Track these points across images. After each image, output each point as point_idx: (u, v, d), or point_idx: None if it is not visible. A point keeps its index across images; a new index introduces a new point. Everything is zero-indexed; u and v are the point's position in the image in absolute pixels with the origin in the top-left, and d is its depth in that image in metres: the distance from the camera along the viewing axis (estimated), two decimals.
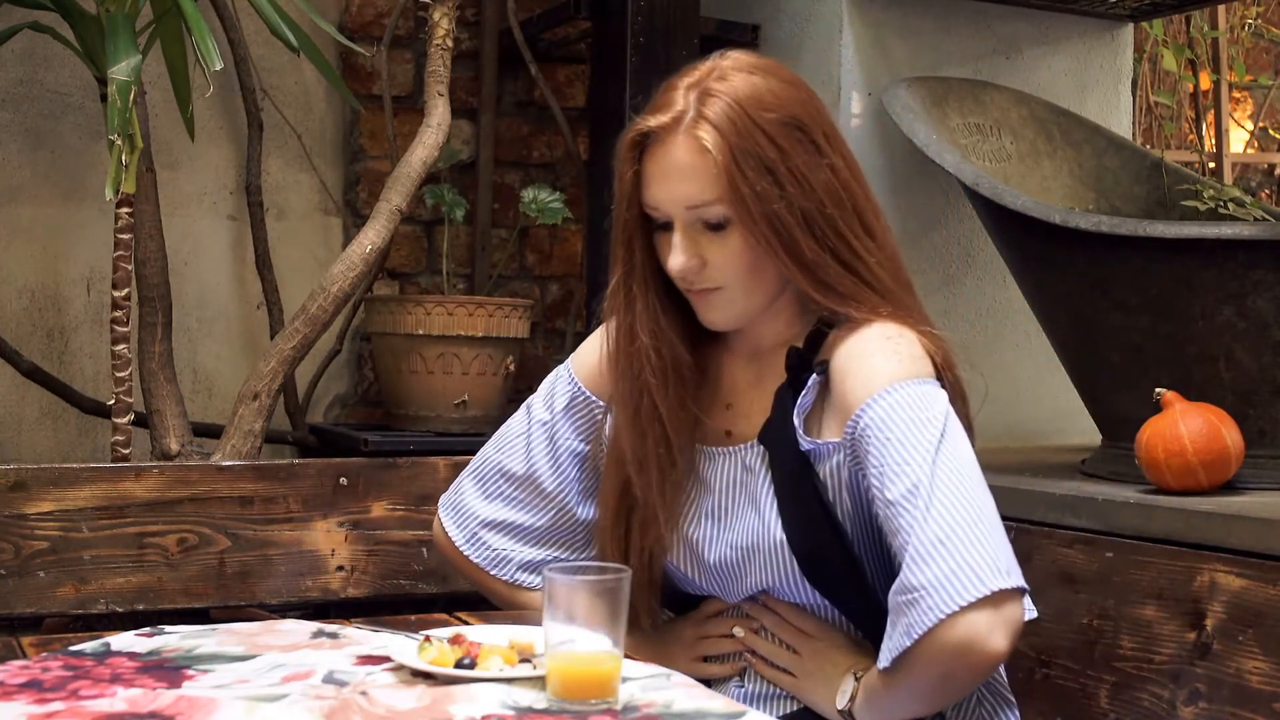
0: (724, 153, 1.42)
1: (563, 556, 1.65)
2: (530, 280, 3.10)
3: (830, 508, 1.44)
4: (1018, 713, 1.58)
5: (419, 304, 2.61)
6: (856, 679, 1.45)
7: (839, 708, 1.45)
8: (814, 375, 1.46)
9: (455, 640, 1.38)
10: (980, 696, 1.54)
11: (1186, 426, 1.90)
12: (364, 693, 1.27)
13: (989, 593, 1.27)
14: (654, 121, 1.46)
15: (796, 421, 1.46)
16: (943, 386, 1.44)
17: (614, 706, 1.23)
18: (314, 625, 1.57)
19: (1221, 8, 3.92)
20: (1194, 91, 4.02)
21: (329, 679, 1.33)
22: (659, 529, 1.52)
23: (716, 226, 1.45)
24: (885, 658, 1.34)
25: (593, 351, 1.62)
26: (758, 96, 1.44)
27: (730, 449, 1.53)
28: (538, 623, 1.35)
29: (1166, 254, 1.99)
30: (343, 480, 2.01)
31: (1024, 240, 2.23)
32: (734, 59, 1.49)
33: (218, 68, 2.03)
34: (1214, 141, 4.02)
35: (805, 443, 1.45)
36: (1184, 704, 1.67)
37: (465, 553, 1.66)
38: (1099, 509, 1.90)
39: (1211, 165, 3.99)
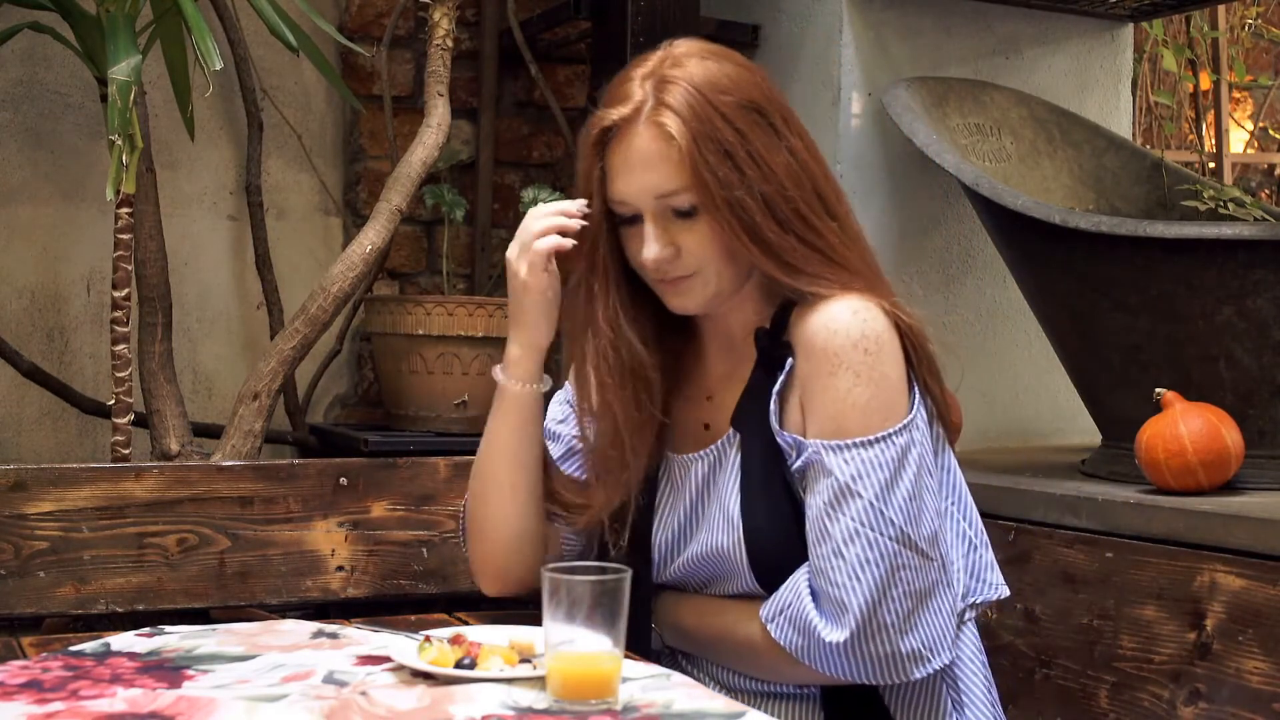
0: (686, 139, 1.42)
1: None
2: None
3: (800, 502, 1.46)
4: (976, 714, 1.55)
5: (419, 304, 2.61)
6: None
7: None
8: (788, 360, 1.47)
9: (455, 640, 1.38)
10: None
11: (1186, 426, 1.90)
12: (364, 693, 1.27)
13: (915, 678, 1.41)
14: (615, 114, 1.46)
15: (772, 408, 1.47)
16: (912, 383, 1.46)
17: (614, 707, 1.23)
18: (314, 625, 1.57)
19: (1221, 8, 3.92)
20: (1194, 91, 4.02)
21: (329, 679, 1.33)
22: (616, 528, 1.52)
23: (686, 214, 1.45)
24: (793, 646, 1.41)
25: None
26: (714, 81, 1.45)
27: (701, 453, 1.54)
28: (538, 623, 1.35)
29: (1166, 254, 1.99)
30: (343, 480, 2.01)
31: (1024, 240, 2.23)
32: (685, 46, 1.50)
33: (218, 68, 2.03)
34: (1214, 141, 4.01)
35: (780, 436, 1.47)
36: (1184, 704, 1.67)
37: None
38: (1099, 509, 1.90)
39: (1211, 165, 3.99)
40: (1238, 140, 4.17)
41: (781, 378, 1.47)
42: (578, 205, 1.49)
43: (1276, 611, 1.59)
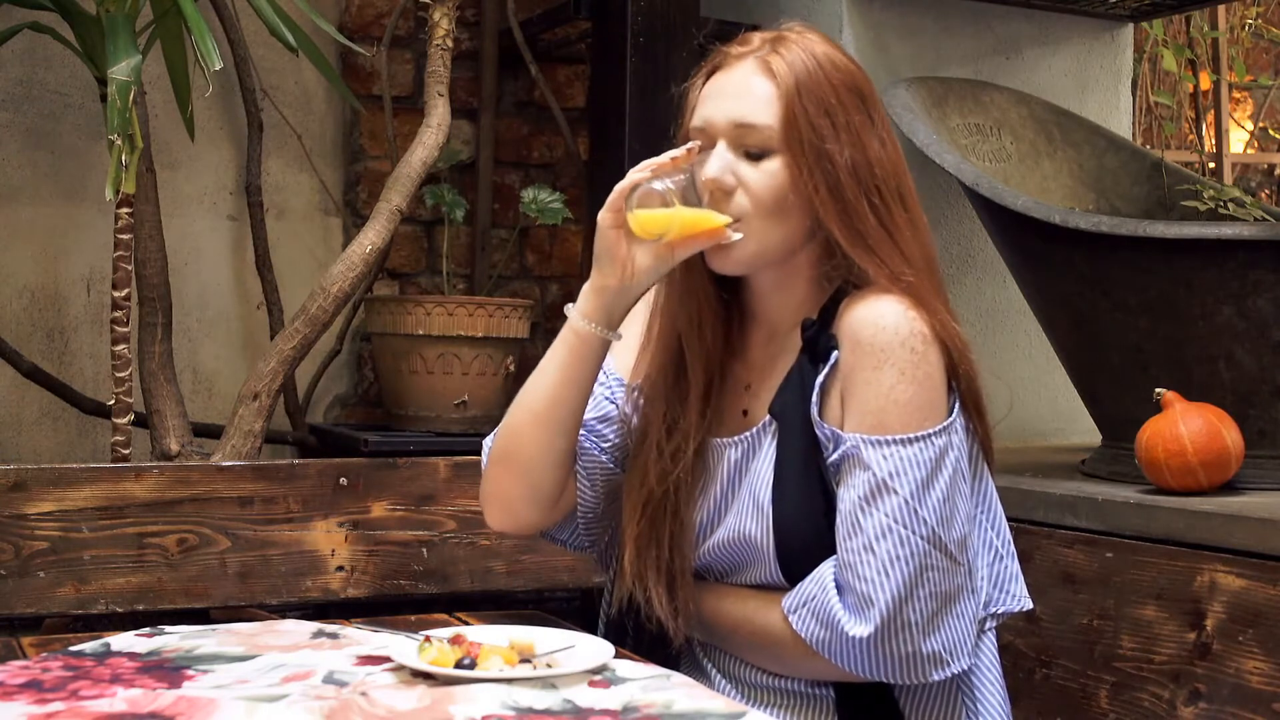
0: (789, 82, 1.46)
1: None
2: (530, 280, 3.10)
3: (832, 495, 1.45)
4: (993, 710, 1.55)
5: (419, 304, 2.61)
6: None
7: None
8: (834, 353, 1.46)
9: (455, 640, 1.38)
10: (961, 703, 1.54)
11: (1186, 426, 1.90)
12: (364, 693, 1.27)
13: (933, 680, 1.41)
14: (728, 52, 1.52)
15: (814, 399, 1.46)
16: (952, 389, 1.45)
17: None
18: (314, 625, 1.57)
19: (1221, 8, 3.93)
20: (1194, 91, 4.02)
21: (329, 679, 1.33)
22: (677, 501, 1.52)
23: (756, 156, 1.46)
24: (815, 641, 1.41)
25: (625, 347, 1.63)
26: (830, 58, 1.50)
27: (736, 439, 1.53)
28: (538, 623, 1.35)
29: (1166, 254, 1.99)
30: (343, 480, 2.01)
31: (1024, 240, 2.23)
32: (809, 26, 1.55)
33: (218, 68, 2.03)
34: (1214, 141, 4.02)
35: (819, 427, 1.46)
36: (1184, 704, 1.67)
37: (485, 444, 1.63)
38: (1099, 509, 1.90)
39: (1211, 165, 3.99)
40: (1238, 140, 4.18)
41: (825, 370, 1.47)
42: (684, 151, 1.49)
43: (1276, 611, 1.60)
